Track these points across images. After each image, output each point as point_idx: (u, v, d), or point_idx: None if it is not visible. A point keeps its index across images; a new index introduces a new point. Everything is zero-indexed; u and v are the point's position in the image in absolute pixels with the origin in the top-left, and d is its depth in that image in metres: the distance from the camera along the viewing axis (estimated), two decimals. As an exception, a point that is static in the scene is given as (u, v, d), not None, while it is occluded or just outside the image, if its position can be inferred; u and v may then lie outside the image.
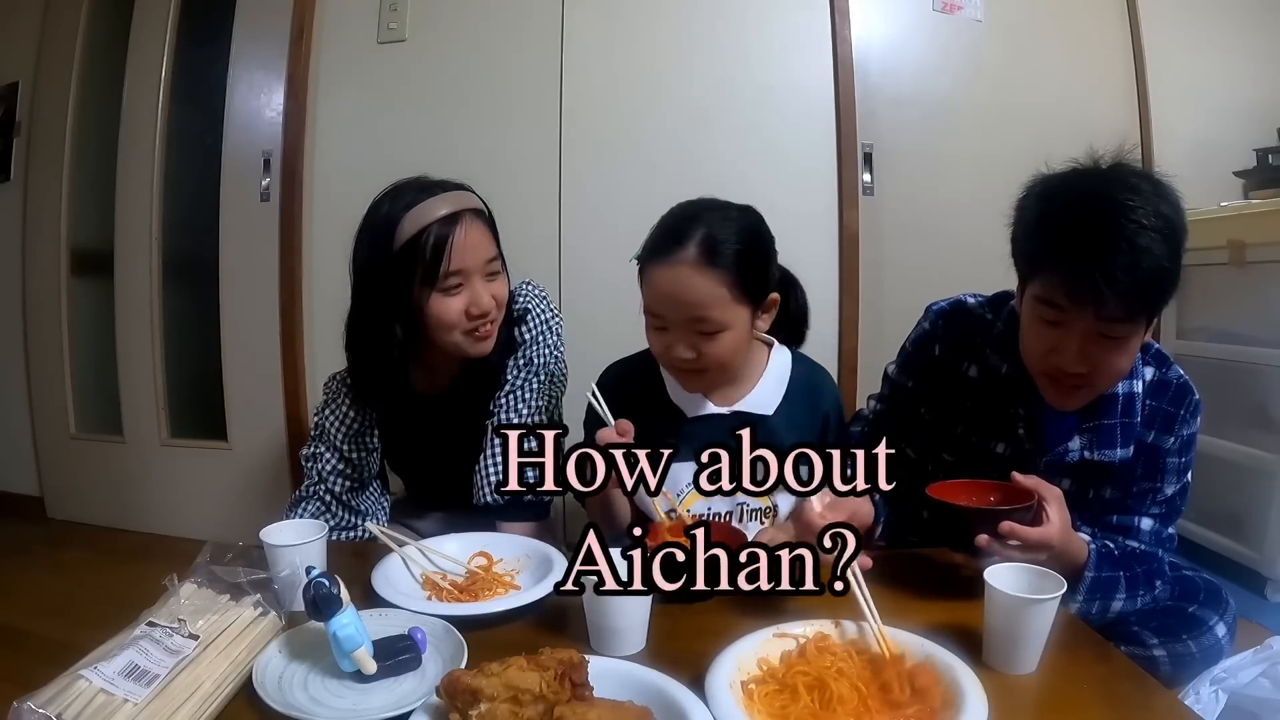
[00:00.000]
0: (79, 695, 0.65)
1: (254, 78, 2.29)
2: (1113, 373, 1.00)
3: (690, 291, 1.07)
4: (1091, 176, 0.98)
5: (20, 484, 2.68)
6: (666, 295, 1.09)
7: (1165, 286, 0.95)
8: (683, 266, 1.07)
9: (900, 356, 1.25)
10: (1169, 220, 0.93)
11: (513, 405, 1.28)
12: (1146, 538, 1.10)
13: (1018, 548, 0.89)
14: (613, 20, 2.15)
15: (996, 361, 1.13)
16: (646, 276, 1.12)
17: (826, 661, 0.74)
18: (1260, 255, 1.89)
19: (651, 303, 1.12)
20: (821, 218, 2.15)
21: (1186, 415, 1.09)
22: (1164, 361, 1.12)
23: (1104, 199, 0.93)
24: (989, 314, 1.17)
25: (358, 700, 0.73)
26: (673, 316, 1.10)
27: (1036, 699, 0.75)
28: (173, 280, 2.45)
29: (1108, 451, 1.07)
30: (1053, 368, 1.00)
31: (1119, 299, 0.91)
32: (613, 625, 0.80)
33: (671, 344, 1.11)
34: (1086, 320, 0.95)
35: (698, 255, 1.07)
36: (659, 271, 1.09)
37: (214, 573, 0.84)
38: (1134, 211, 0.91)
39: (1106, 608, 1.03)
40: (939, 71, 2.23)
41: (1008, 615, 0.76)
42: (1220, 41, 2.34)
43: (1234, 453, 1.90)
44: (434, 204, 1.17)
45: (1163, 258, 0.92)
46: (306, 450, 1.33)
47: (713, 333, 1.09)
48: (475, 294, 1.20)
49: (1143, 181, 0.95)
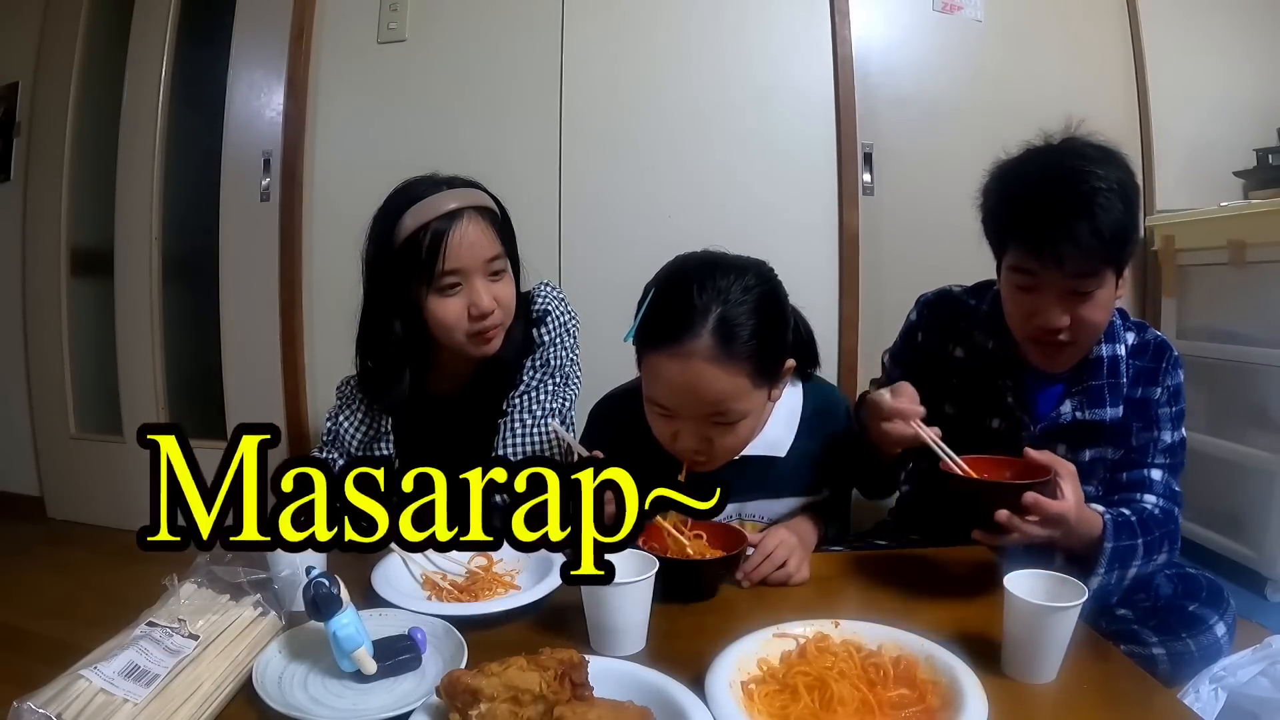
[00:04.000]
0: (79, 695, 0.65)
1: (254, 78, 2.29)
2: (1091, 326, 1.07)
3: (706, 389, 0.94)
4: (1045, 151, 1.08)
5: (20, 484, 2.68)
6: (677, 390, 0.96)
7: (1125, 240, 1.02)
8: (695, 360, 0.93)
9: (893, 349, 1.32)
10: (1120, 181, 1.01)
11: (526, 406, 1.25)
12: (1161, 489, 1.13)
13: (1036, 523, 0.90)
14: (613, 20, 2.15)
15: (983, 339, 1.19)
16: (650, 365, 0.99)
17: (827, 662, 0.74)
18: (1260, 255, 1.89)
19: (656, 394, 0.99)
20: (821, 218, 2.15)
21: (1168, 367, 1.16)
22: (1143, 327, 1.19)
23: (1060, 168, 1.03)
24: (972, 299, 1.24)
25: (358, 700, 0.73)
26: (684, 410, 0.98)
27: (1036, 697, 0.74)
28: (173, 280, 2.45)
29: (1098, 410, 1.12)
30: (1036, 330, 1.07)
31: (1083, 255, 0.99)
32: (613, 625, 0.80)
33: (679, 434, 1.00)
34: (1057, 279, 1.03)
35: (713, 345, 0.93)
36: (666, 364, 0.95)
37: (214, 573, 0.84)
38: (1088, 176, 1.00)
39: (1125, 575, 1.04)
40: (939, 71, 2.23)
41: (1028, 623, 0.75)
42: (1220, 41, 2.34)
43: (1234, 453, 1.90)
44: (437, 200, 1.15)
45: (1119, 213, 0.99)
46: (316, 454, 1.32)
47: (731, 423, 0.98)
48: (474, 294, 1.16)
49: (1092, 149, 1.04)
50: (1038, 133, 1.10)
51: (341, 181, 2.20)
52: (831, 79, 2.14)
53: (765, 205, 2.11)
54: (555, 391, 1.28)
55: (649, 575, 0.81)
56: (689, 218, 2.09)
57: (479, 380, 1.30)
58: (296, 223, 2.21)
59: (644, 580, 0.80)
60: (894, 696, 0.71)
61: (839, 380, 2.12)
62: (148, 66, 2.40)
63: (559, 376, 1.29)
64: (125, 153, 2.44)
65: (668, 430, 1.01)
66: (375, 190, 1.24)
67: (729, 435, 1.00)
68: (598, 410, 1.21)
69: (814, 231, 2.14)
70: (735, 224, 2.08)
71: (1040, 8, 2.27)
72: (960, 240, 2.20)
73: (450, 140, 2.16)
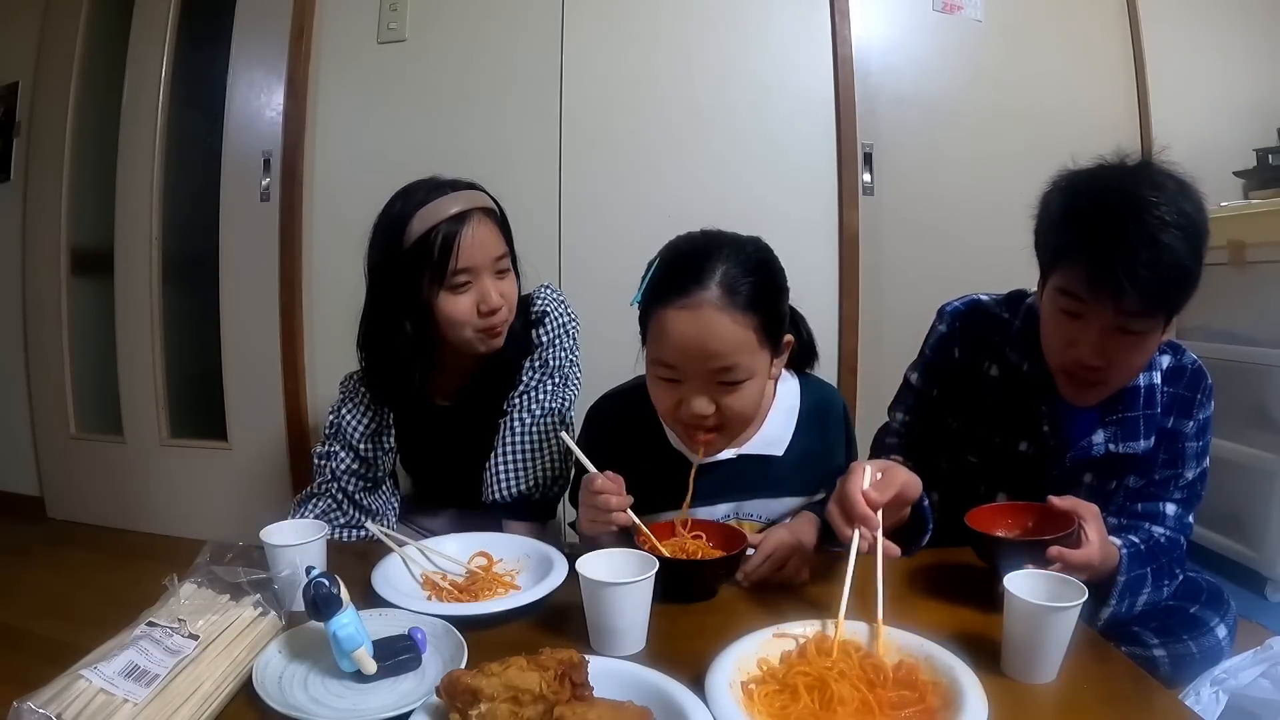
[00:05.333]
0: (79, 695, 0.65)
1: (254, 78, 2.29)
2: (1128, 370, 1.02)
3: (715, 338, 0.95)
4: (1118, 172, 0.99)
5: (20, 484, 2.68)
6: (686, 343, 0.96)
7: (1185, 285, 0.95)
8: (705, 309, 0.95)
9: (920, 363, 1.22)
10: (1191, 219, 0.93)
11: (526, 406, 1.28)
12: (1171, 522, 1.11)
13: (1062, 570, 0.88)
14: (613, 20, 2.15)
15: (1016, 360, 1.13)
16: (657, 323, 0.98)
17: (827, 662, 0.74)
18: (1260, 255, 1.89)
19: (664, 353, 0.98)
20: (821, 218, 2.15)
21: (1203, 399, 1.11)
22: (1178, 349, 1.14)
23: (1129, 194, 0.94)
24: (1005, 312, 1.17)
25: (358, 700, 0.72)
26: (691, 368, 0.97)
27: (1036, 699, 0.74)
28: (173, 280, 2.45)
29: (1132, 444, 1.08)
30: (1071, 360, 1.01)
31: (1138, 293, 0.92)
32: (613, 625, 0.80)
33: (686, 399, 0.98)
34: (1106, 313, 0.95)
35: (720, 295, 0.95)
36: (675, 316, 0.96)
37: (214, 573, 0.84)
38: (1158, 208, 0.92)
39: (1135, 603, 1.04)
40: (939, 71, 2.23)
41: (1028, 623, 0.75)
42: (1220, 41, 2.34)
43: (1234, 453, 1.90)
44: (444, 202, 1.18)
45: (1184, 255, 0.92)
46: (320, 449, 1.33)
47: (736, 383, 0.98)
48: (484, 291, 1.20)
49: (1168, 180, 0.96)
50: (1114, 148, 1.01)
51: (341, 181, 2.20)
52: (831, 79, 2.14)
53: (765, 205, 2.11)
54: (555, 391, 1.29)
55: (649, 575, 0.81)
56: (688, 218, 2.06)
57: (479, 380, 1.31)
58: (296, 223, 2.21)
59: (644, 580, 0.80)
60: (894, 696, 0.71)
61: (839, 380, 2.12)
62: (148, 66, 2.40)
63: (558, 377, 1.30)
64: (125, 153, 2.44)
65: (673, 398, 1.00)
66: (375, 190, 1.24)
67: (735, 397, 0.98)
68: (596, 410, 1.20)
69: (814, 231, 2.14)
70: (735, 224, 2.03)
71: (1040, 8, 2.27)
72: (960, 240, 2.22)
73: (450, 140, 2.16)
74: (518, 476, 1.25)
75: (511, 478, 1.25)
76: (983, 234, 2.14)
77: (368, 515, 1.32)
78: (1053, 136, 1.10)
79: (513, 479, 1.24)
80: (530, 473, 1.25)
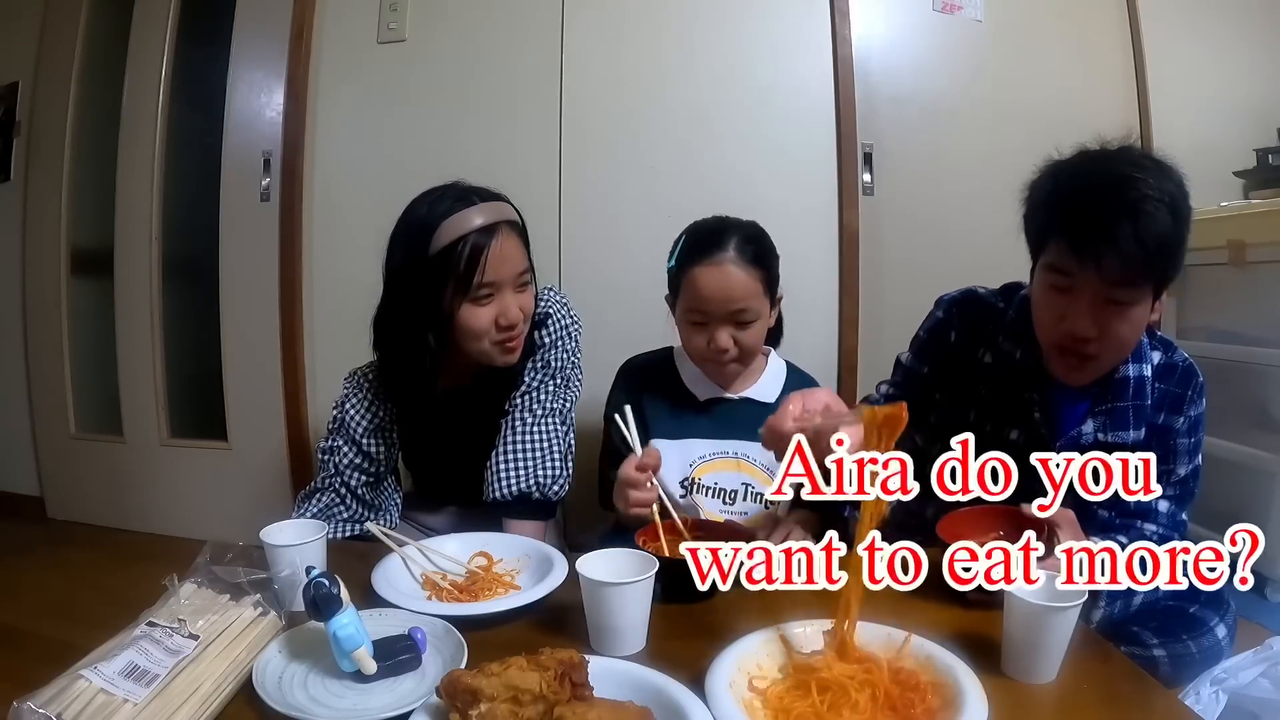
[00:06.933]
0: (79, 695, 0.65)
1: (254, 78, 2.28)
2: (1119, 342, 1.03)
3: (735, 286, 1.26)
4: (1099, 156, 1.04)
5: (20, 484, 2.68)
6: (713, 290, 1.26)
7: (1168, 253, 0.98)
8: (727, 264, 1.26)
9: (914, 345, 1.26)
10: (1172, 195, 0.97)
11: (527, 406, 1.29)
12: (1164, 519, 1.11)
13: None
14: (613, 20, 2.15)
15: (1010, 348, 1.15)
16: (689, 278, 1.28)
17: (828, 663, 0.74)
18: (1260, 255, 1.89)
19: (695, 301, 1.28)
20: (821, 217, 2.14)
21: (1194, 396, 1.12)
22: (1169, 347, 1.16)
23: (1111, 173, 0.99)
24: (1000, 302, 1.20)
25: (358, 700, 0.73)
26: (716, 311, 1.27)
27: (1036, 698, 0.74)
28: (173, 280, 2.45)
29: (1121, 433, 1.10)
30: (1063, 336, 1.03)
31: (1123, 261, 0.95)
32: (613, 625, 0.80)
33: (713, 336, 1.28)
34: (1094, 284, 0.99)
35: (738, 254, 1.27)
36: (704, 271, 1.27)
37: (214, 573, 0.84)
38: (1139, 183, 0.96)
39: (1129, 605, 1.04)
40: (939, 71, 2.23)
41: (1028, 623, 0.75)
42: (1220, 41, 2.33)
43: (1234, 453, 1.90)
44: (471, 213, 1.18)
45: (1166, 225, 0.96)
46: (324, 444, 1.33)
47: (749, 322, 1.28)
48: (505, 305, 1.21)
49: (1146, 159, 1.01)
50: (1094, 136, 1.05)
51: (341, 181, 2.20)
52: (831, 78, 2.13)
53: (765, 205, 2.08)
54: (556, 392, 1.30)
55: (649, 575, 0.81)
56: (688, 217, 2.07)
57: (482, 379, 1.32)
58: (296, 223, 2.21)
59: (644, 580, 0.80)
60: (894, 696, 0.71)
61: (839, 380, 2.12)
62: (148, 66, 2.40)
63: (560, 378, 1.31)
64: (125, 153, 2.44)
65: (702, 338, 1.30)
66: (375, 190, 1.25)
67: (748, 334, 1.29)
68: (626, 366, 1.45)
69: (814, 231, 2.14)
70: (735, 224, 2.07)
71: (1040, 8, 2.27)
72: (961, 240, 2.22)
73: (450, 140, 2.16)
74: (518, 475, 1.25)
75: (512, 477, 1.25)
76: (982, 233, 2.13)
77: (371, 510, 1.32)
78: (1052, 136, 1.10)
79: (513, 478, 1.25)
80: (531, 472, 1.25)
